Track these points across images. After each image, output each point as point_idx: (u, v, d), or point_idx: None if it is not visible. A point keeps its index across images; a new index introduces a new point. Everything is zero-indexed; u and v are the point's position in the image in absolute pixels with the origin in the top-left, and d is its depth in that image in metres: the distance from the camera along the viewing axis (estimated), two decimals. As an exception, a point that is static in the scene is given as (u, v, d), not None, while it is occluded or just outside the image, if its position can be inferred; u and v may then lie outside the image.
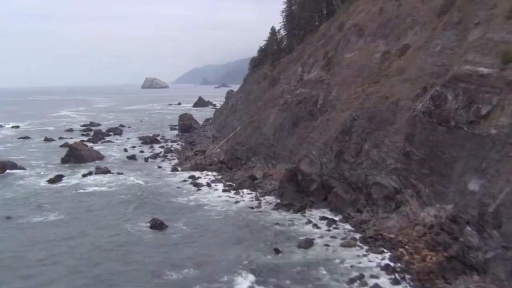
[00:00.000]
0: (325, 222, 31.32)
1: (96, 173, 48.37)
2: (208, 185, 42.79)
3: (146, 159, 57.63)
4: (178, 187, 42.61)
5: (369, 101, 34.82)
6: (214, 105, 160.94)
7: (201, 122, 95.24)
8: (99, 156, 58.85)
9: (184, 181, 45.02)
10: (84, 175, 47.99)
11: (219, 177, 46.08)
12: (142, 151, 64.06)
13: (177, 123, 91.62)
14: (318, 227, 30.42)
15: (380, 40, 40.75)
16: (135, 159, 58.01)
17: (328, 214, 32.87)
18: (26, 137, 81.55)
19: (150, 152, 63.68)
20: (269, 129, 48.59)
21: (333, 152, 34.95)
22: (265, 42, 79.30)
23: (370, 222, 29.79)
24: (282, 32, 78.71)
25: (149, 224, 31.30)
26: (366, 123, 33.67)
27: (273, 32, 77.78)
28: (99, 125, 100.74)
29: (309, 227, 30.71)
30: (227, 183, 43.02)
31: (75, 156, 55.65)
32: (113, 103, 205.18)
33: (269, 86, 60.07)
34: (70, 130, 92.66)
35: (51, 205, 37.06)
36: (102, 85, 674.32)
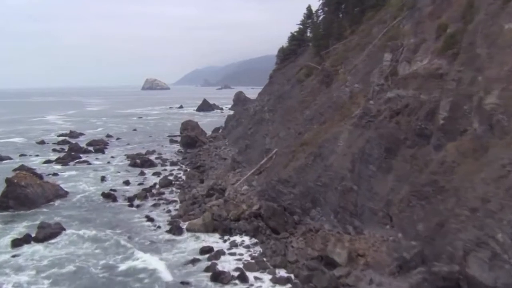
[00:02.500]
0: None
1: (36, 239, 27.34)
2: (242, 277, 21.72)
3: (130, 201, 36.43)
4: (181, 283, 21.67)
5: None
6: (221, 108, 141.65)
7: (209, 132, 74.82)
8: (59, 194, 37.90)
9: (194, 261, 24.02)
10: (15, 244, 26.83)
11: (258, 251, 25.11)
12: (127, 182, 43.12)
13: (178, 133, 72.76)
14: None
15: None
16: (114, 200, 36.97)
17: None
18: (-24, 154, 60.69)
19: (139, 183, 42.91)
20: (340, 160, 27.70)
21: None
22: (299, 27, 58.52)
23: None
24: (320, 13, 58.07)
25: None
26: None
27: (310, 13, 57.19)
28: (81, 135, 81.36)
29: None
30: (278, 273, 22.12)
31: (16, 197, 34.60)
32: (108, 105, 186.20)
33: (321, 85, 39.19)
34: (42, 142, 72.13)
35: None
36: (102, 86, 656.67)
